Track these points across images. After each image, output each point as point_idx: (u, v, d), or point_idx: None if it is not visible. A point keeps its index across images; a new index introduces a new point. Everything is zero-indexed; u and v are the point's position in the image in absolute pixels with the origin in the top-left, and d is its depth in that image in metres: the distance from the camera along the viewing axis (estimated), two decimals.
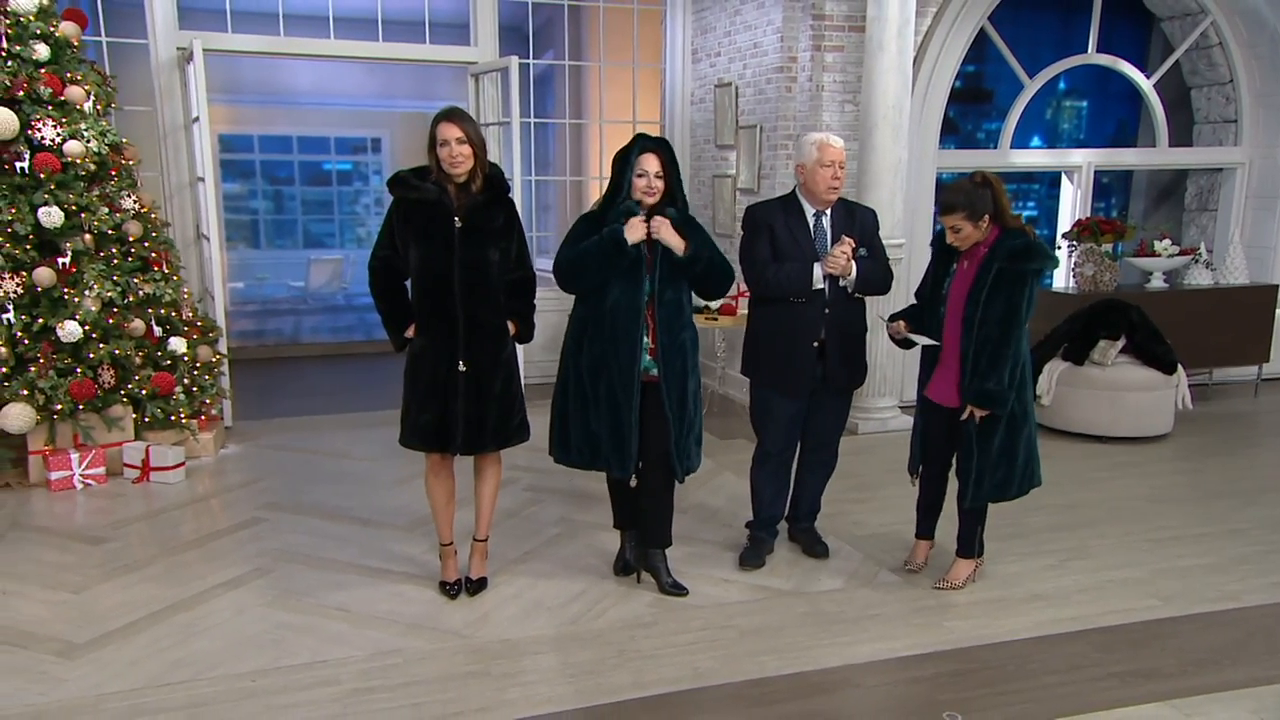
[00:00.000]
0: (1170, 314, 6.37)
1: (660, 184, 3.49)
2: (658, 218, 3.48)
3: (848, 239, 3.74)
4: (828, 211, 3.86)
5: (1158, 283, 7.00)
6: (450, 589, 3.71)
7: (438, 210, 3.39)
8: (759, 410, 4.00)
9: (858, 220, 3.91)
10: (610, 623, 3.51)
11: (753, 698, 3.03)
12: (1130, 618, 3.59)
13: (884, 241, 5.63)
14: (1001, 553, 4.11)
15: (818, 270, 3.75)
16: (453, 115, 3.37)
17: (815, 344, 3.81)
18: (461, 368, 3.44)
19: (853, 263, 3.75)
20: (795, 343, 3.82)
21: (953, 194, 3.50)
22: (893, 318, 3.82)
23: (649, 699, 3.00)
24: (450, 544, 3.74)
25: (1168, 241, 6.97)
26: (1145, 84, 7.43)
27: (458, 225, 3.38)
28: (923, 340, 3.70)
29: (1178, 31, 7.53)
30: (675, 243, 3.48)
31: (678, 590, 3.72)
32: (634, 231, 3.44)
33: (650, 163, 3.47)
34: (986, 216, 3.47)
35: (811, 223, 3.84)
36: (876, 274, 3.88)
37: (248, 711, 2.91)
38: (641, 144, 3.50)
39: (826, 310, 3.81)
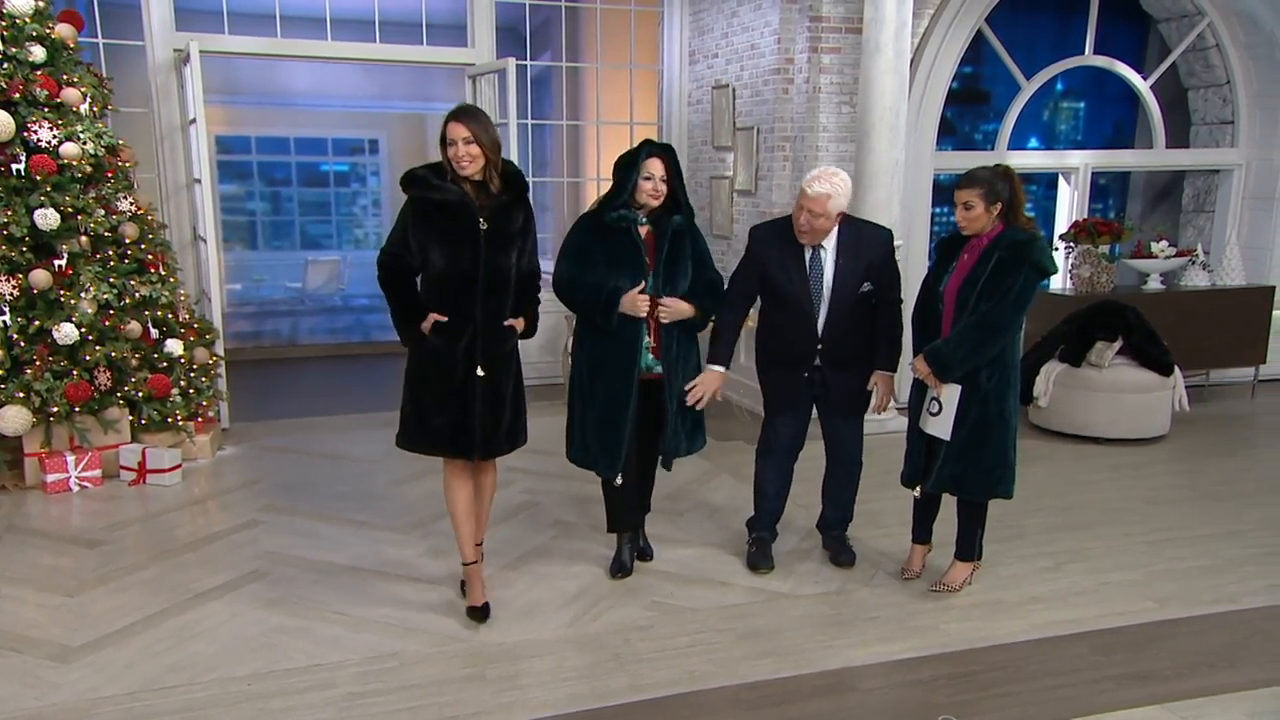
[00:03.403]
0: (1167, 315, 6.37)
1: (665, 188, 3.59)
2: (663, 305, 3.58)
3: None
4: (829, 241, 3.70)
5: (1155, 284, 7.00)
6: (479, 613, 3.49)
7: (461, 212, 3.25)
8: (771, 402, 3.95)
9: (865, 244, 3.72)
10: (607, 626, 3.50)
11: (749, 701, 3.02)
12: (1128, 620, 3.59)
13: None
14: (999, 555, 4.11)
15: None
16: (461, 115, 3.23)
17: (816, 359, 3.78)
18: (480, 372, 3.33)
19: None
20: (795, 354, 3.80)
21: (974, 171, 3.54)
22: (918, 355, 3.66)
23: (646, 703, 3.00)
24: (474, 562, 3.53)
25: (1165, 243, 6.96)
26: (1142, 85, 7.44)
27: (483, 228, 3.26)
28: (934, 427, 3.62)
29: (1175, 33, 7.53)
30: (686, 312, 3.62)
31: (645, 554, 4.03)
32: (637, 309, 3.55)
33: (656, 167, 3.57)
34: (999, 205, 3.49)
35: (808, 254, 3.71)
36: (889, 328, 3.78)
37: (243, 715, 2.90)
38: (649, 149, 3.61)
39: (822, 326, 3.73)
